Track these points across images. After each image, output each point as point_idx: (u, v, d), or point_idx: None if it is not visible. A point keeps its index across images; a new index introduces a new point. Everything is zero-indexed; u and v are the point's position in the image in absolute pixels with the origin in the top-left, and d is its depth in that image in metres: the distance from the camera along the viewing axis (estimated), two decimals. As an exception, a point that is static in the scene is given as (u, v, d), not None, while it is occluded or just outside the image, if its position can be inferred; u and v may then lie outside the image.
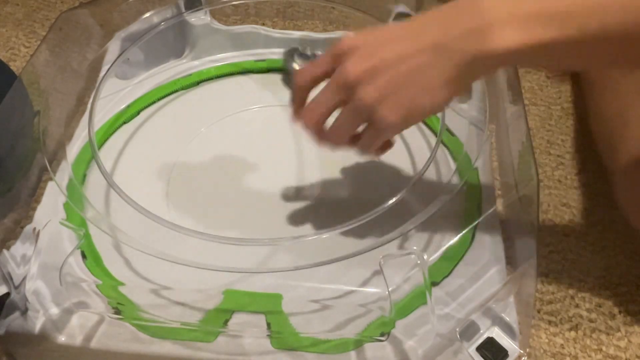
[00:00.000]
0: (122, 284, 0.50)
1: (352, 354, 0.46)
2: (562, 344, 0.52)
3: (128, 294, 0.49)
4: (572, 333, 0.53)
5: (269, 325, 0.47)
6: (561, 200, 0.62)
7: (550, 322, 0.53)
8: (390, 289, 0.44)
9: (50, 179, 0.57)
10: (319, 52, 0.65)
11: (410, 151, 0.60)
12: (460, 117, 0.60)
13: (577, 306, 0.54)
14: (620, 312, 0.54)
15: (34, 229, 0.51)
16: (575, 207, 0.62)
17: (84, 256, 0.51)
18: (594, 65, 0.49)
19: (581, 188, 0.63)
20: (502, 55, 0.38)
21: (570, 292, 0.55)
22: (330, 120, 0.45)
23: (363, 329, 0.47)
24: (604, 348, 0.52)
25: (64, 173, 0.56)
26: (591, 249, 0.58)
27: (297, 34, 0.71)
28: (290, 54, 0.66)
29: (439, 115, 0.55)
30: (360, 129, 0.45)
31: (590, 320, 0.54)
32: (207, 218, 0.55)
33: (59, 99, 0.61)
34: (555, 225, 0.60)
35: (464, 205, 0.55)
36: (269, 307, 0.48)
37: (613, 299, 0.55)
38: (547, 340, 0.52)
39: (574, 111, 0.70)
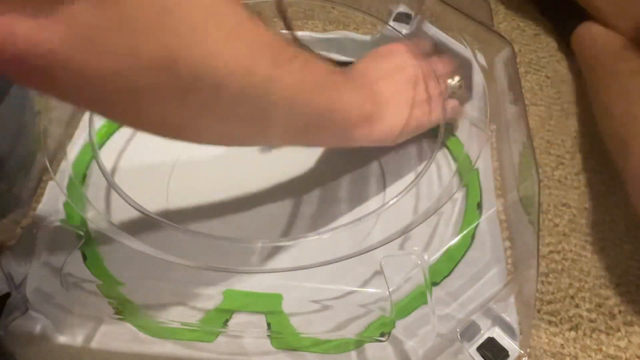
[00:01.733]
0: (122, 284, 0.50)
1: (353, 354, 0.46)
2: (562, 344, 0.52)
3: (128, 294, 0.49)
4: (572, 333, 0.53)
5: (269, 325, 0.47)
6: (561, 200, 0.62)
7: (550, 322, 0.53)
8: (390, 289, 0.44)
9: (51, 178, 0.57)
10: None
11: (410, 152, 0.60)
12: (460, 117, 0.60)
13: (577, 306, 0.54)
14: (620, 312, 0.54)
15: (34, 229, 0.51)
16: (575, 207, 0.62)
17: (84, 256, 0.51)
18: None
19: (581, 188, 0.63)
20: None
21: (570, 292, 0.55)
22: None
23: (363, 329, 0.47)
24: (604, 348, 0.52)
25: (64, 173, 0.56)
26: (591, 249, 0.58)
27: (297, 34, 0.71)
28: None
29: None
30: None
31: (590, 320, 0.54)
32: (208, 218, 0.55)
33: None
34: (555, 225, 0.60)
35: (465, 206, 0.55)
36: (269, 307, 0.48)
37: (613, 299, 0.55)
38: (547, 340, 0.52)
39: (574, 111, 0.70)
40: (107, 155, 0.60)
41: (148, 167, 0.59)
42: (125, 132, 0.63)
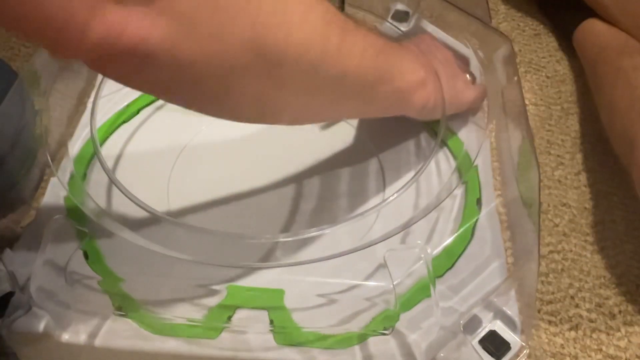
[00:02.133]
0: (124, 281, 0.50)
1: (356, 348, 0.46)
2: (562, 344, 0.52)
3: (131, 291, 0.49)
4: (572, 333, 0.53)
5: (272, 321, 0.47)
6: (561, 200, 0.62)
7: (550, 322, 0.53)
8: (395, 283, 0.44)
9: (52, 175, 0.57)
10: None
11: (409, 149, 0.60)
12: (460, 115, 0.61)
13: (577, 306, 0.55)
14: (620, 312, 0.54)
15: (36, 227, 0.51)
16: (575, 207, 0.62)
17: (86, 254, 0.51)
18: None
19: (581, 188, 0.63)
20: None
21: (570, 292, 0.55)
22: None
23: (367, 323, 0.47)
24: (604, 348, 0.52)
25: (65, 171, 0.56)
26: (591, 249, 0.59)
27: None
28: None
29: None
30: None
31: (590, 320, 0.54)
32: (210, 214, 0.55)
33: (59, 99, 0.61)
34: (555, 225, 0.60)
35: (464, 202, 0.55)
36: (271, 302, 0.48)
37: (613, 299, 0.55)
38: (547, 340, 0.52)
39: (574, 111, 0.71)
40: (107, 154, 0.60)
41: (149, 164, 0.59)
42: (126, 128, 0.63)
